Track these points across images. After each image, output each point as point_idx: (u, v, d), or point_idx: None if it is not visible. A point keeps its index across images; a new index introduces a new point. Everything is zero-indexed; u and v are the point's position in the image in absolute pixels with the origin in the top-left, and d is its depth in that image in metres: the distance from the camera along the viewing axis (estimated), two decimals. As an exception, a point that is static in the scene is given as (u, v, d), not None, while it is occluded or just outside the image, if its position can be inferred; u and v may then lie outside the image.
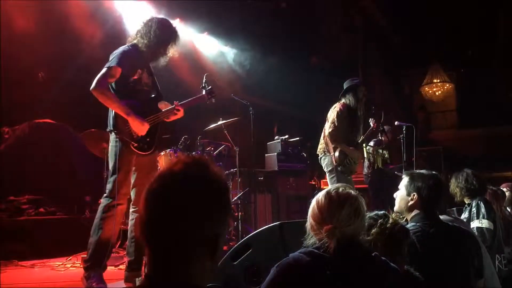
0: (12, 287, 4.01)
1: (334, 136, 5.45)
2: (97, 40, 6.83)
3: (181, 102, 4.19)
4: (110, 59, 3.84)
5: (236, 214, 6.22)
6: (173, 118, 4.18)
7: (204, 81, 4.55)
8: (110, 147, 3.89)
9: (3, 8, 5.87)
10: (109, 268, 4.57)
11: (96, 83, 3.71)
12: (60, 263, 5.06)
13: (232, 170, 6.59)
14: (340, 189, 1.97)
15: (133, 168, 3.96)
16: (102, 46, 6.04)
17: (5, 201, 6.10)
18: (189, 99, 4.30)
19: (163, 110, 4.10)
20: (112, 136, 3.86)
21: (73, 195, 6.81)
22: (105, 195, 3.83)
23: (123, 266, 4.62)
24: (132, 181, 3.98)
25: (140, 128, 3.81)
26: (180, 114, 4.18)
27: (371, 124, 5.98)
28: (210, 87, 4.42)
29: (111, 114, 3.80)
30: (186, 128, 6.66)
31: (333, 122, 5.47)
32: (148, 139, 3.92)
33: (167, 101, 4.22)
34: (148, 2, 7.46)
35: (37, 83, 6.93)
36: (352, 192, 1.97)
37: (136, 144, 3.84)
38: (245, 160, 6.71)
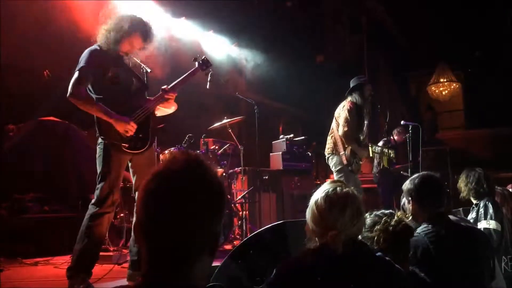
0: (15, 285, 4.00)
1: (348, 136, 5.42)
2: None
3: (171, 84, 3.88)
4: (79, 61, 3.60)
5: (241, 213, 6.20)
6: (166, 104, 3.92)
7: (209, 79, 4.42)
8: (98, 150, 3.69)
9: (8, 6, 5.86)
10: (112, 266, 4.56)
11: (72, 89, 3.49)
12: (64, 261, 5.04)
13: (236, 169, 6.57)
14: (338, 189, 1.92)
15: (132, 170, 3.84)
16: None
17: (9, 199, 6.10)
18: (180, 78, 3.95)
19: (151, 99, 3.85)
20: (100, 140, 3.67)
21: (77, 193, 6.80)
22: (92, 202, 3.66)
23: (127, 265, 4.60)
24: (133, 181, 3.89)
25: (126, 129, 3.58)
26: (172, 98, 3.89)
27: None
28: (203, 57, 4.05)
29: (95, 117, 3.61)
30: (191, 127, 6.64)
31: (346, 121, 5.43)
32: (141, 135, 3.70)
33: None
34: (153, 1, 7.44)
35: (42, 81, 6.93)
36: (350, 190, 1.93)
37: (127, 145, 3.62)
38: (250, 159, 6.70)
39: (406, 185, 2.76)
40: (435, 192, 2.71)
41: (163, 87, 3.88)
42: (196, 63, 4.07)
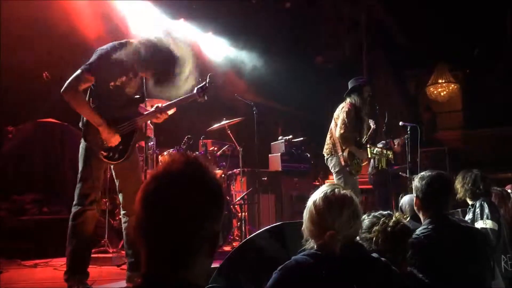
0: (14, 287, 4.00)
1: (346, 137, 5.41)
2: (101, 41, 6.79)
3: (165, 104, 3.89)
4: (93, 55, 3.58)
5: (240, 214, 6.19)
6: (155, 121, 3.95)
7: (207, 80, 4.35)
8: (80, 149, 3.68)
9: (6, 7, 5.86)
10: (111, 268, 4.57)
11: (67, 86, 3.49)
12: (63, 263, 5.03)
13: (235, 170, 6.57)
14: (336, 191, 1.93)
15: (114, 173, 3.86)
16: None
17: (9, 200, 6.10)
18: (175, 100, 3.91)
19: (144, 114, 3.86)
20: (82, 140, 3.67)
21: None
22: (74, 203, 3.64)
23: (125, 266, 4.59)
24: (116, 185, 3.88)
25: (110, 139, 3.59)
26: (162, 118, 3.90)
27: (372, 125, 5.91)
28: (204, 82, 3.97)
29: (83, 118, 3.62)
30: (189, 128, 6.65)
31: (343, 123, 5.41)
32: (120, 147, 3.67)
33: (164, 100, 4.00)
34: (152, 2, 7.44)
35: (41, 82, 6.92)
36: (347, 193, 1.94)
37: (105, 154, 3.62)
38: (248, 160, 6.70)
39: (415, 181, 2.75)
40: (442, 194, 2.69)
41: (156, 105, 3.88)
42: (195, 89, 3.90)
